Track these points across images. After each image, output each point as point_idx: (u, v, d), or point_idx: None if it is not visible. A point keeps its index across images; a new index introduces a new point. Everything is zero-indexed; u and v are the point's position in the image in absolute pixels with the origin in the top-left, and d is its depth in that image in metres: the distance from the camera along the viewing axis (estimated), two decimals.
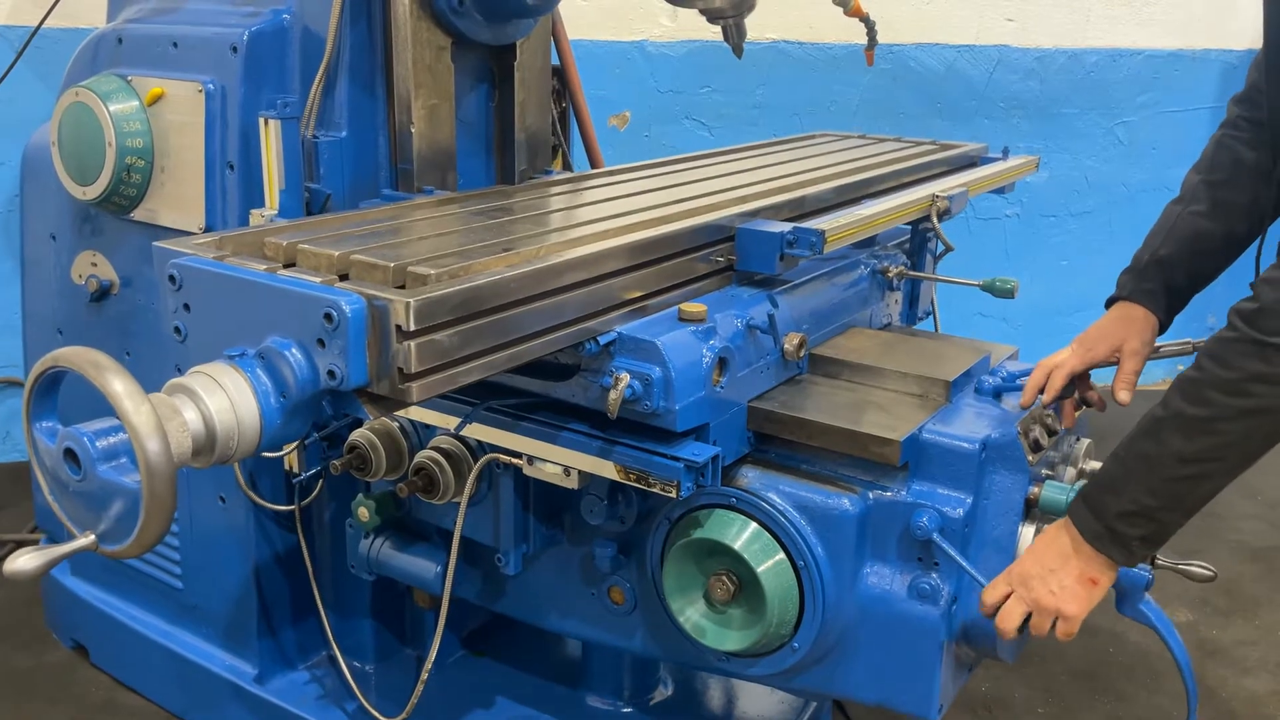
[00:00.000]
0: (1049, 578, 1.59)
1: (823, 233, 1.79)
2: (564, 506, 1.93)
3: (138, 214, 2.30)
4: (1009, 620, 1.63)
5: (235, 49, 2.11)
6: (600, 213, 1.87)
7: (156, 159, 2.25)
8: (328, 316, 1.31)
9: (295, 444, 2.22)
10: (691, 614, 1.80)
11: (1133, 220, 5.16)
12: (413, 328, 1.32)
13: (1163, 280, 1.86)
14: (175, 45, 2.22)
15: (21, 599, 3.10)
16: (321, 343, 1.32)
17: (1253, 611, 3.34)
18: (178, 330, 1.46)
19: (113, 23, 2.41)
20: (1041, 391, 1.85)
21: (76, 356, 1.27)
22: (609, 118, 4.34)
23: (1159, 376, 5.42)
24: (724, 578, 1.75)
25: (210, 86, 2.14)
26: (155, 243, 1.51)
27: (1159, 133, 5.06)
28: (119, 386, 1.25)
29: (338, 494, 2.29)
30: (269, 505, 2.32)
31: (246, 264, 1.46)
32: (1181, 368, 6.02)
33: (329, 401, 1.40)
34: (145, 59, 2.27)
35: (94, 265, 2.46)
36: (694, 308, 1.68)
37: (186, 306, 1.44)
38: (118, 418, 1.25)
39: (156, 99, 2.22)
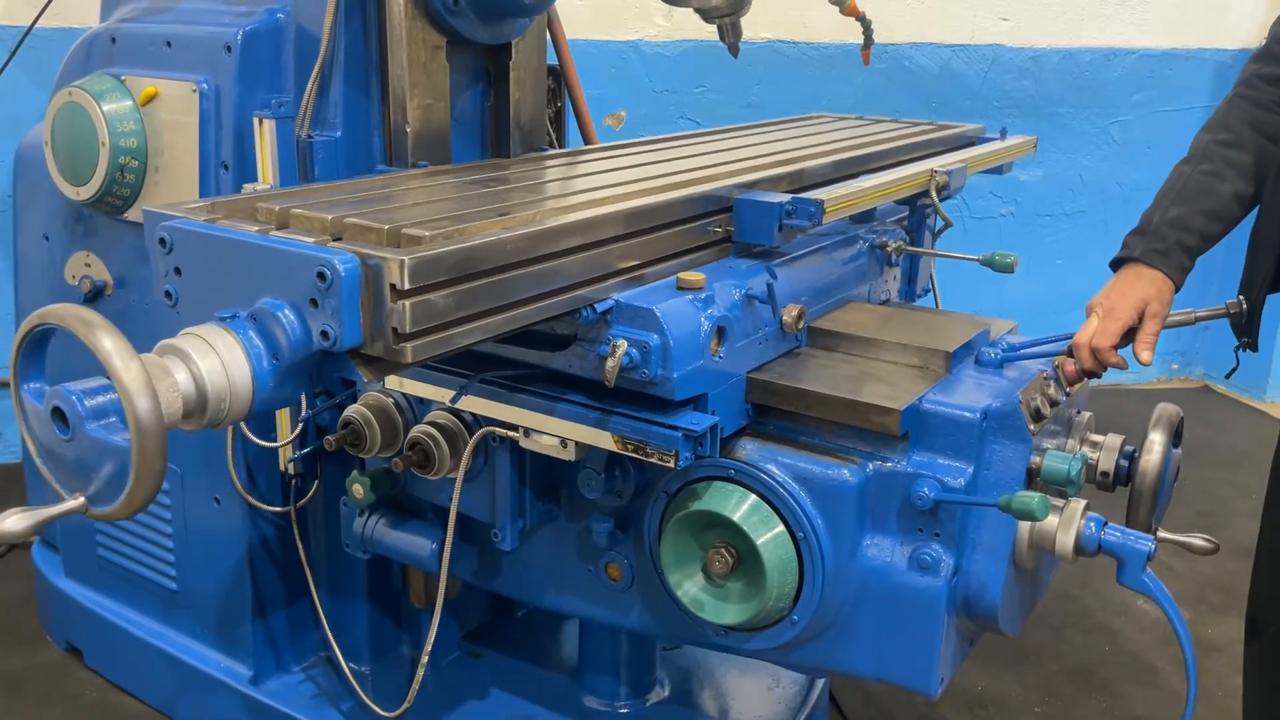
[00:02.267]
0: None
1: (821, 202, 1.77)
2: (561, 481, 1.91)
3: (131, 214, 2.29)
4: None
5: (229, 48, 2.10)
6: (597, 183, 1.85)
7: (150, 159, 2.23)
8: (321, 276, 1.29)
9: (289, 440, 2.20)
10: (689, 587, 1.78)
11: (1127, 219, 5.09)
12: (407, 286, 1.30)
13: (1174, 240, 1.86)
14: (169, 45, 2.21)
15: (15, 600, 3.08)
16: (315, 303, 1.30)
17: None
18: (168, 294, 1.44)
19: (106, 22, 2.40)
20: (1083, 372, 1.87)
21: (64, 313, 1.25)
22: (604, 117, 4.35)
23: (1154, 375, 5.42)
24: (722, 550, 1.72)
25: (204, 86, 2.13)
26: (145, 207, 1.49)
27: (1153, 132, 5.08)
28: (108, 344, 1.22)
29: (332, 495, 2.26)
30: (264, 507, 2.31)
31: (238, 226, 1.44)
32: (1176, 367, 6.00)
33: (322, 364, 1.38)
34: (139, 58, 2.26)
35: (88, 266, 2.44)
36: (692, 276, 1.67)
37: (177, 270, 1.43)
38: (107, 376, 1.23)
39: (150, 99, 2.21)
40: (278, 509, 2.32)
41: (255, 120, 2.09)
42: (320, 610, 2.37)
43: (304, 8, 2.11)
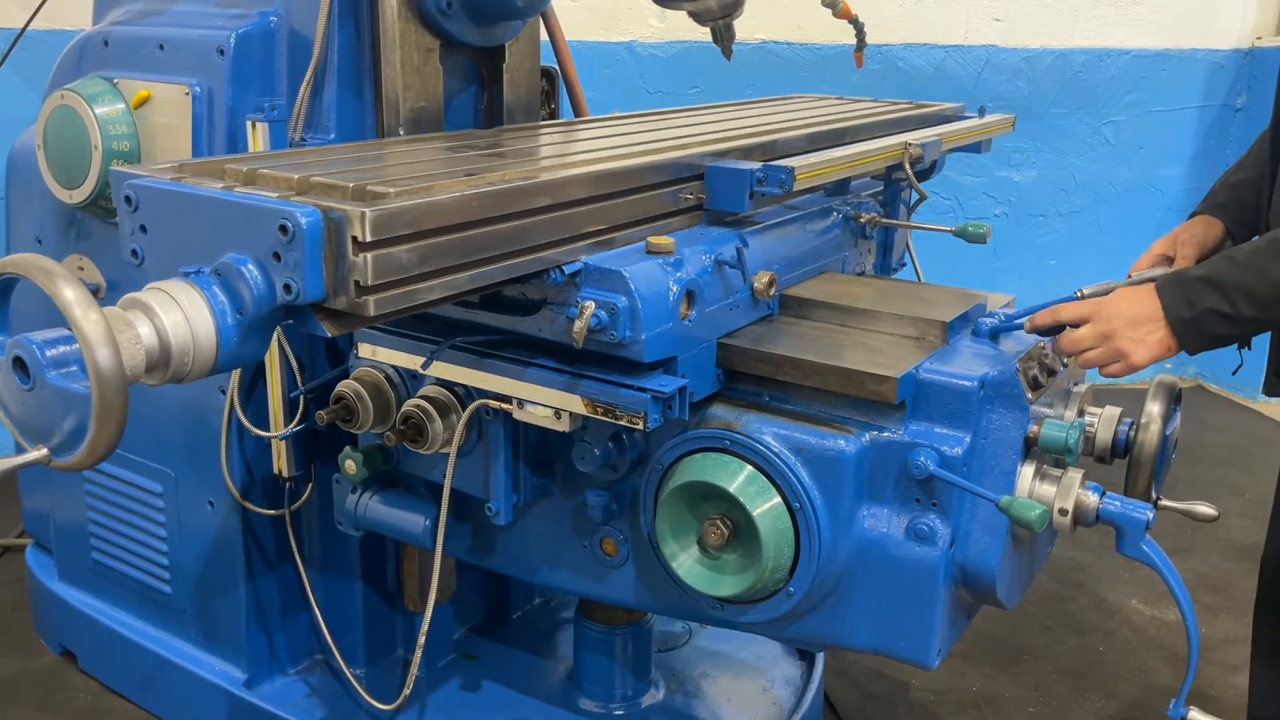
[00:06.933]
0: (1138, 327, 1.68)
1: (793, 170, 1.75)
2: (556, 456, 1.88)
3: None
4: (1075, 344, 1.72)
5: (222, 51, 2.11)
6: (570, 149, 1.84)
7: (143, 162, 2.22)
8: (282, 228, 1.28)
9: (284, 433, 2.19)
10: (685, 559, 1.74)
11: (1120, 219, 5.16)
12: (369, 239, 1.29)
13: (1232, 197, 2.06)
14: (161, 47, 2.21)
15: (8, 604, 3.07)
16: (277, 256, 1.29)
17: (1241, 609, 3.26)
18: (134, 253, 1.43)
19: (98, 25, 2.41)
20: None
21: (24, 262, 1.24)
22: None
23: (1148, 375, 5.34)
24: (718, 522, 1.68)
25: (197, 89, 2.13)
26: (113, 167, 1.49)
27: (1146, 132, 5.06)
28: (69, 293, 1.22)
29: (326, 497, 2.23)
30: (258, 510, 2.29)
31: (203, 184, 1.44)
32: (1169, 366, 5.90)
33: (286, 318, 1.37)
34: (131, 61, 2.26)
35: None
36: (662, 240, 1.65)
37: (143, 228, 1.42)
38: (68, 327, 1.22)
39: (143, 101, 2.21)
40: (271, 512, 2.31)
41: (248, 123, 2.09)
42: (316, 613, 2.35)
43: (297, 10, 2.12)
